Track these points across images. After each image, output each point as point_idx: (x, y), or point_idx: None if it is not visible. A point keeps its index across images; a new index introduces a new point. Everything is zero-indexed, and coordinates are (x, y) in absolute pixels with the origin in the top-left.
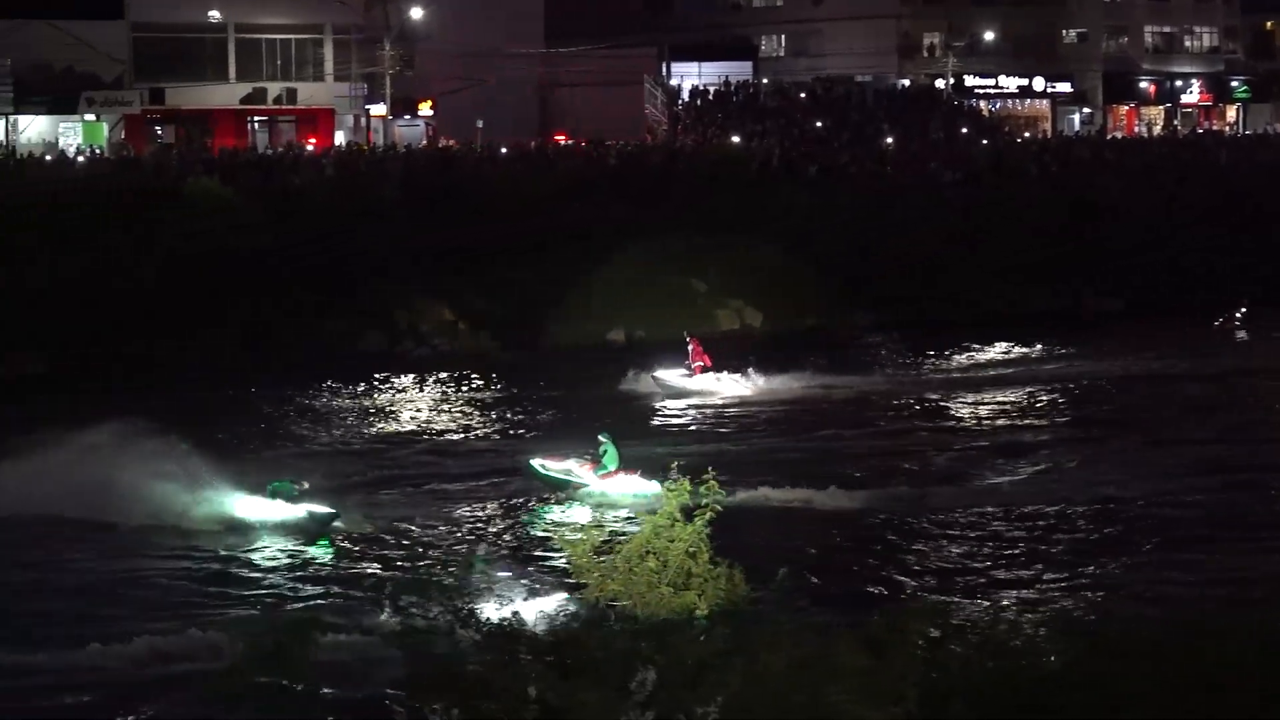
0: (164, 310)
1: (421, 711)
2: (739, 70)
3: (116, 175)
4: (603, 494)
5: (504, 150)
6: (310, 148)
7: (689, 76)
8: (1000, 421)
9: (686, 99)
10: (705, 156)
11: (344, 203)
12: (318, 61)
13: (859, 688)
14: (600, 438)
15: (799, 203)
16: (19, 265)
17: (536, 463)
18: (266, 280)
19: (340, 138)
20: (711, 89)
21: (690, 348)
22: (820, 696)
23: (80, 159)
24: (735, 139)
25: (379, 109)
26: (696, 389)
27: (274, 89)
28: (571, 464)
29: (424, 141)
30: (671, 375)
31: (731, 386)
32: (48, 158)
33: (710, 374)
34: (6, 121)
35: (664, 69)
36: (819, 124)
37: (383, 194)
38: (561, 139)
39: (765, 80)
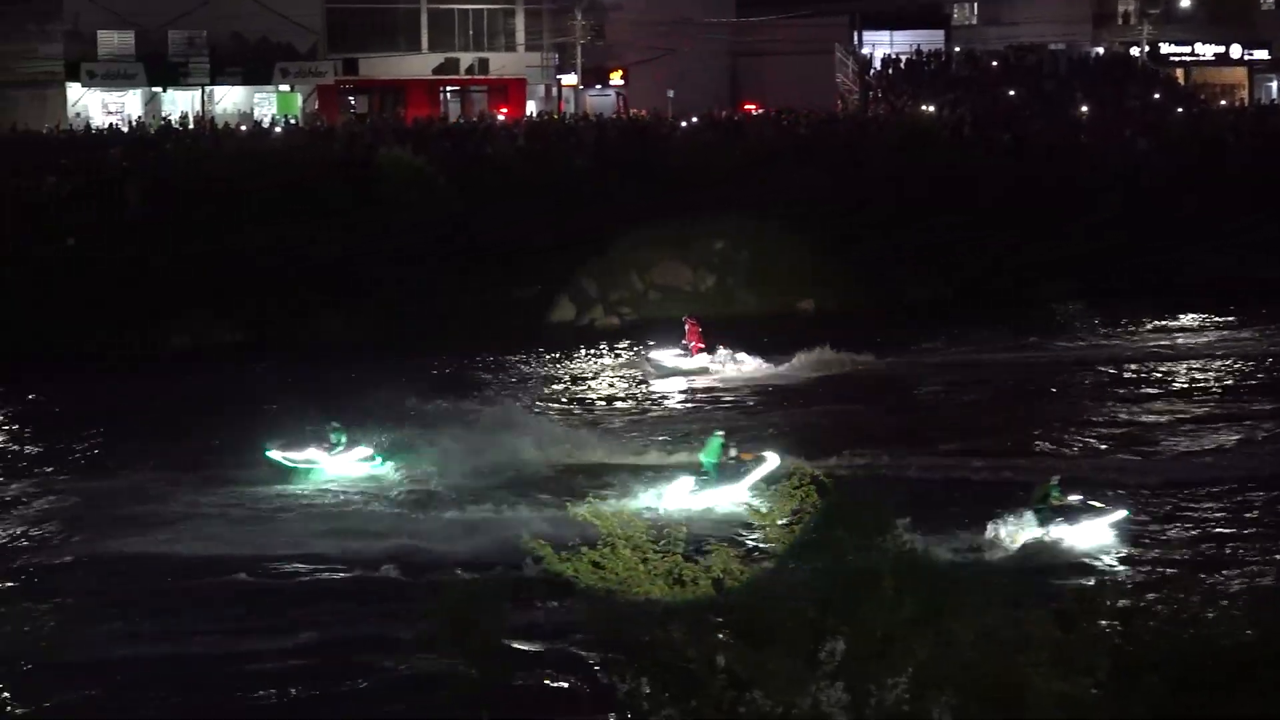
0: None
1: (611, 681)
2: (931, 39)
3: (310, 146)
4: (340, 475)
5: (694, 119)
6: (502, 117)
7: (880, 45)
8: (1189, 393)
9: (878, 68)
10: (896, 126)
11: (535, 173)
12: (509, 31)
13: (1049, 659)
14: (333, 424)
15: (991, 172)
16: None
17: (275, 454)
18: (456, 250)
19: (531, 107)
20: (903, 58)
21: (686, 328)
22: (1010, 667)
23: (275, 130)
24: (928, 108)
25: (570, 79)
26: (691, 370)
27: (466, 59)
28: (310, 450)
29: (615, 111)
30: (665, 356)
31: (727, 367)
32: (243, 128)
33: (705, 355)
34: (203, 92)
35: (855, 37)
36: (1011, 93)
37: (574, 163)
38: (752, 108)
39: (957, 49)
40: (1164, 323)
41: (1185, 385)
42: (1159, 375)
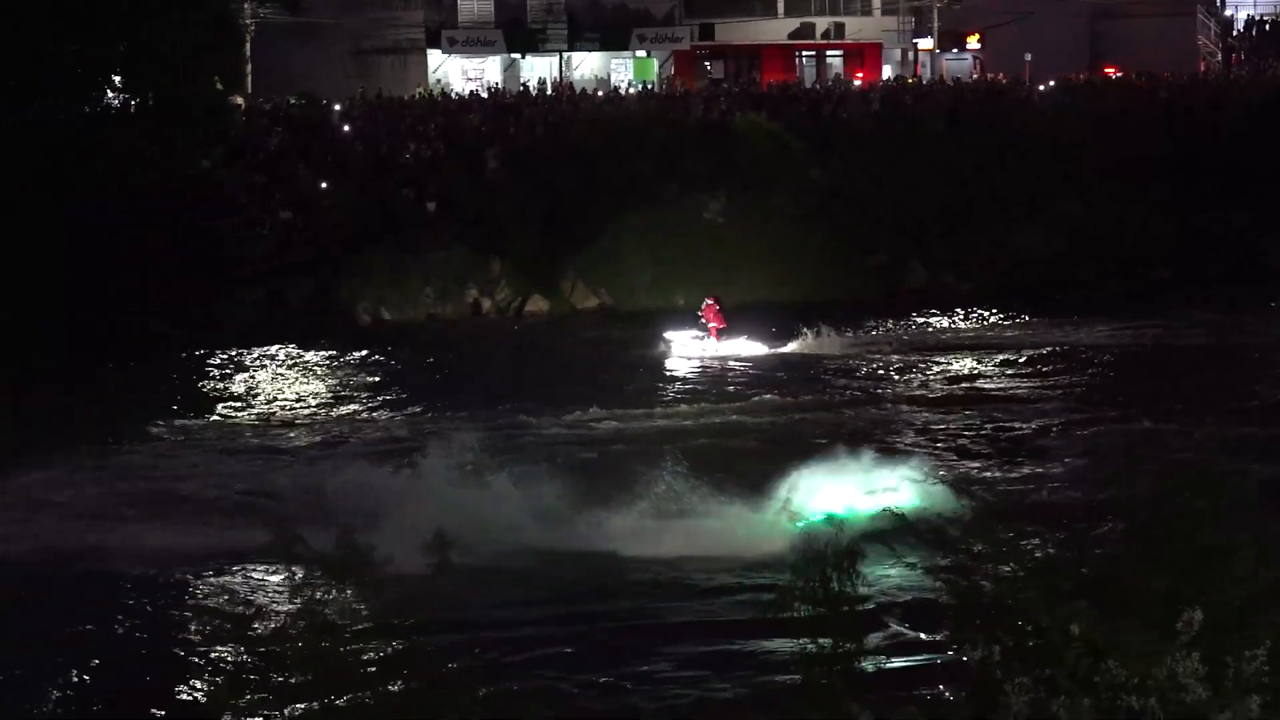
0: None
1: (962, 646)
2: None
3: (667, 111)
4: None
5: (1051, 83)
6: (858, 82)
7: (1244, 6)
8: None
9: (1241, 29)
10: (1259, 89)
11: (890, 137)
12: None
13: None
14: None
15: None
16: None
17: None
18: (813, 214)
19: (887, 71)
20: (1267, 19)
21: (704, 309)
22: None
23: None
24: None
25: (926, 43)
26: (713, 352)
27: (822, 24)
28: None
29: (972, 75)
30: (682, 338)
31: (750, 348)
32: (599, 94)
33: (727, 337)
34: (560, 59)
35: None
36: None
37: (929, 128)
38: (1111, 71)
39: None
40: None
41: None
42: None
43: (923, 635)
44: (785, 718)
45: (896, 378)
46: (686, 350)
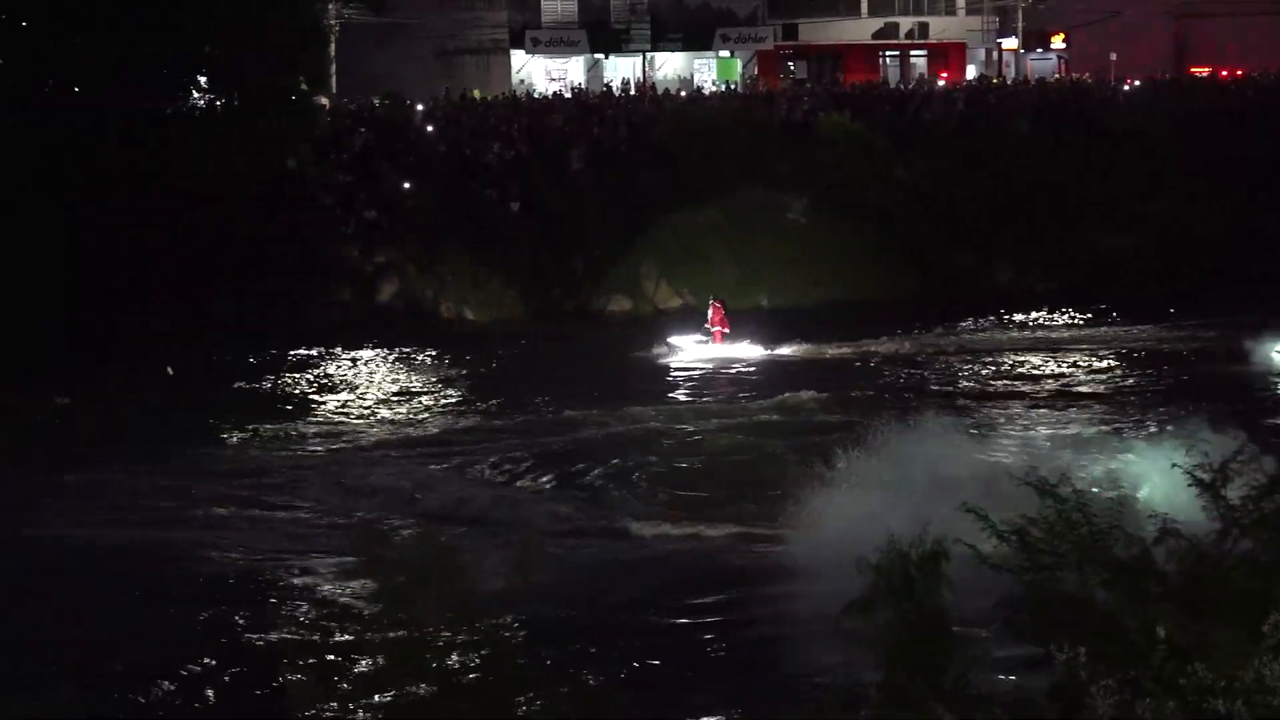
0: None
1: (1048, 647)
2: None
3: (750, 110)
4: None
5: (1136, 82)
6: (942, 82)
7: None
8: None
9: None
10: None
11: (974, 137)
12: None
13: None
14: None
15: None
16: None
17: None
18: (896, 215)
19: (971, 71)
20: None
21: (710, 312)
22: None
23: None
24: None
25: (1010, 43)
26: (716, 355)
27: (906, 23)
28: None
29: (1056, 75)
30: (686, 340)
31: (754, 352)
32: (683, 94)
33: (730, 341)
34: (644, 59)
35: None
36: None
37: (1014, 128)
38: (1199, 71)
39: None
40: None
41: None
42: None
43: (1007, 636)
44: (870, 718)
45: (965, 376)
46: (690, 353)
